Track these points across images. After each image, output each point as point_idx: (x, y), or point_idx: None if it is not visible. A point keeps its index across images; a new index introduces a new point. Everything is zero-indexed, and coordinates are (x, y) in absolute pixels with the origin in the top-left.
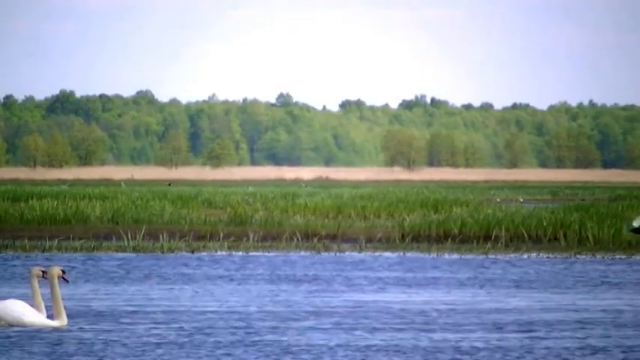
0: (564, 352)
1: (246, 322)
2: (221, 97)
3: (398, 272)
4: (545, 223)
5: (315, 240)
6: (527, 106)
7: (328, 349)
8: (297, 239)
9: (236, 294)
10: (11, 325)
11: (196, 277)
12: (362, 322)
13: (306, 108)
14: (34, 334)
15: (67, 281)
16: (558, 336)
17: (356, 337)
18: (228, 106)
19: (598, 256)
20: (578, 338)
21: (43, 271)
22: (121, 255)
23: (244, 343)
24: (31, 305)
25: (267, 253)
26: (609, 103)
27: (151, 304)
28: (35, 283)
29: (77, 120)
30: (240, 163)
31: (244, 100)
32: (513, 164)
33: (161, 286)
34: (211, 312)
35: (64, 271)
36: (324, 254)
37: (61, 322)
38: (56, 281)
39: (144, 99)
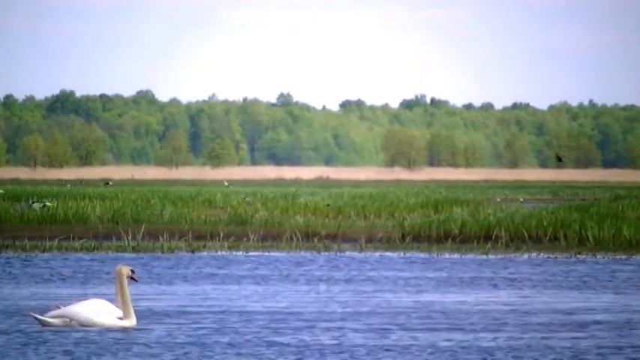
0: None
1: (309, 322)
2: (221, 96)
3: (433, 273)
4: (545, 223)
5: (316, 240)
6: (527, 106)
7: (420, 349)
8: (298, 239)
9: (288, 294)
10: (82, 326)
11: (247, 277)
12: (443, 323)
13: (307, 108)
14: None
15: (136, 280)
16: None
17: (439, 338)
18: (228, 106)
19: (599, 256)
20: None
21: (132, 270)
22: (166, 255)
23: (313, 343)
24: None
25: (274, 253)
26: (609, 103)
27: (211, 304)
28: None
29: (77, 120)
30: (240, 163)
31: (244, 99)
32: (513, 164)
33: (214, 286)
34: (278, 312)
35: (132, 271)
36: (345, 254)
37: (131, 322)
38: (125, 281)
39: (144, 99)
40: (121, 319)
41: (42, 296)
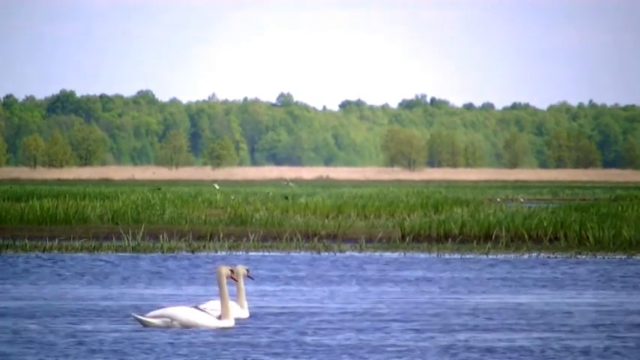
0: None
1: (383, 322)
2: (221, 96)
3: (488, 274)
4: (545, 223)
5: (316, 240)
6: (527, 106)
7: (504, 349)
8: (298, 239)
9: (353, 293)
10: (183, 326)
11: (309, 277)
12: (519, 323)
13: (307, 108)
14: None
15: (252, 279)
16: None
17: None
18: (228, 106)
19: (599, 257)
20: None
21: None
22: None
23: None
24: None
25: (304, 253)
26: (609, 103)
27: (289, 303)
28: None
29: (77, 120)
30: (240, 163)
31: (245, 99)
32: (513, 164)
33: (292, 287)
34: (351, 312)
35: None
36: (387, 254)
37: (229, 322)
38: (225, 281)
39: (144, 99)
40: (219, 319)
41: (136, 297)
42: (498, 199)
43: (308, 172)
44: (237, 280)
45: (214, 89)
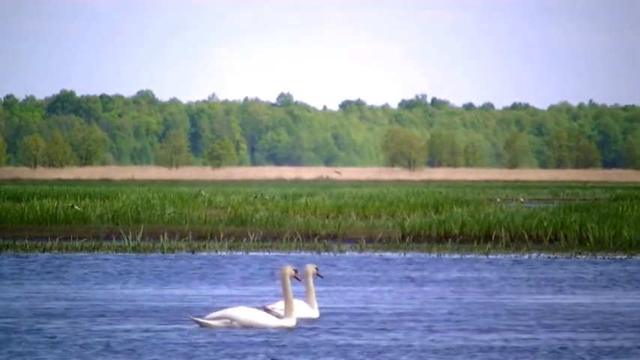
0: None
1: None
2: (221, 96)
3: (524, 274)
4: (545, 224)
5: (316, 240)
6: (527, 106)
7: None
8: (298, 239)
9: (412, 294)
10: (244, 327)
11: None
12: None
13: (307, 108)
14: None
15: (322, 277)
16: None
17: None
18: (228, 106)
19: (599, 257)
20: None
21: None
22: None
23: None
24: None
25: (304, 253)
26: (609, 103)
27: (341, 304)
28: (287, 281)
29: (78, 120)
30: (240, 163)
31: (245, 99)
32: (513, 164)
33: (341, 287)
34: (407, 313)
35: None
36: (414, 255)
37: (291, 322)
38: (289, 281)
39: (144, 99)
40: (280, 318)
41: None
42: (498, 199)
43: (308, 172)
44: (300, 280)
45: (214, 89)
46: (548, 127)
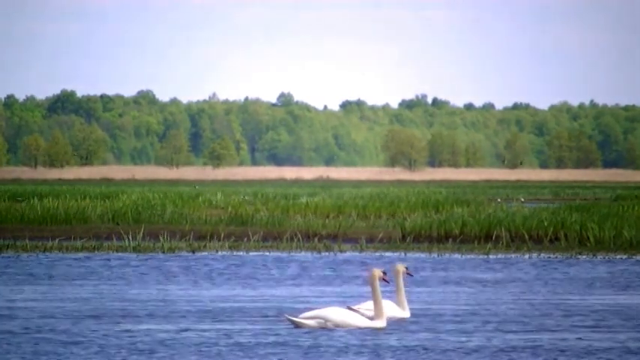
0: None
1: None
2: (222, 96)
3: (558, 273)
4: (546, 224)
5: (316, 240)
6: (527, 106)
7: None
8: (298, 239)
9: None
10: (337, 326)
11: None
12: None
13: (307, 108)
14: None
15: (412, 275)
16: None
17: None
18: (228, 106)
19: (599, 257)
20: None
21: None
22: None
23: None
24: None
25: (300, 254)
26: (610, 103)
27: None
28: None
29: (78, 120)
30: (241, 163)
31: (245, 99)
32: (514, 164)
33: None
34: (470, 314)
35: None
36: (437, 255)
37: (381, 323)
38: (377, 282)
39: (145, 99)
40: (372, 319)
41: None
42: (499, 199)
43: (308, 172)
44: (388, 282)
45: (214, 89)
46: (549, 127)
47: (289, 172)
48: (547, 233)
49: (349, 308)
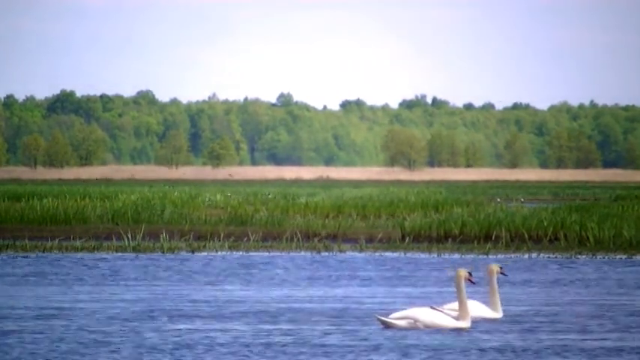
0: None
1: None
2: (221, 96)
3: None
4: (545, 224)
5: (316, 240)
6: (527, 106)
7: None
8: (298, 239)
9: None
10: (426, 327)
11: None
12: None
13: (307, 108)
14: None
15: (506, 275)
16: None
17: None
18: (228, 106)
19: (599, 257)
20: None
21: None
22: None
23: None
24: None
25: (307, 254)
26: (610, 103)
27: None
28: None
29: (78, 120)
30: (240, 163)
31: (245, 99)
32: (513, 164)
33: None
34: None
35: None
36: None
37: (466, 323)
38: (463, 283)
39: (144, 99)
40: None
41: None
42: (498, 199)
43: (308, 172)
44: (474, 283)
45: (214, 89)
46: (549, 127)
47: (289, 172)
48: (547, 233)
49: (433, 309)
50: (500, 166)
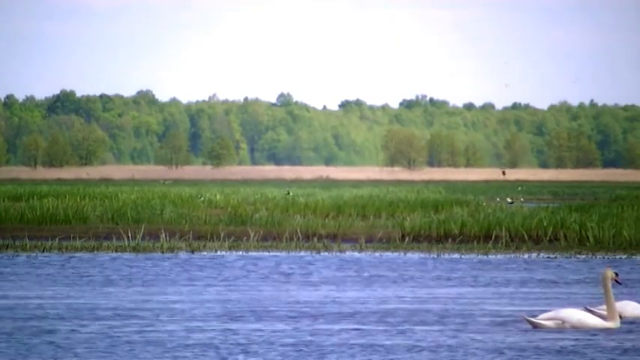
0: None
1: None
2: (221, 96)
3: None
4: (545, 223)
5: (316, 240)
6: (527, 106)
7: None
8: (298, 239)
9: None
10: (574, 328)
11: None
12: None
13: (307, 108)
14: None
15: (620, 283)
16: None
17: None
18: (228, 106)
19: (599, 256)
20: None
21: (616, 273)
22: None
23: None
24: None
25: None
26: (610, 102)
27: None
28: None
29: (78, 120)
30: (240, 163)
31: (245, 99)
32: (513, 164)
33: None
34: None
35: (616, 274)
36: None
37: (615, 323)
38: (610, 284)
39: (144, 99)
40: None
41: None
42: (498, 199)
43: (308, 172)
44: (620, 283)
45: (214, 89)
46: (548, 127)
47: (288, 172)
48: (546, 233)
49: (586, 309)
50: (500, 166)
